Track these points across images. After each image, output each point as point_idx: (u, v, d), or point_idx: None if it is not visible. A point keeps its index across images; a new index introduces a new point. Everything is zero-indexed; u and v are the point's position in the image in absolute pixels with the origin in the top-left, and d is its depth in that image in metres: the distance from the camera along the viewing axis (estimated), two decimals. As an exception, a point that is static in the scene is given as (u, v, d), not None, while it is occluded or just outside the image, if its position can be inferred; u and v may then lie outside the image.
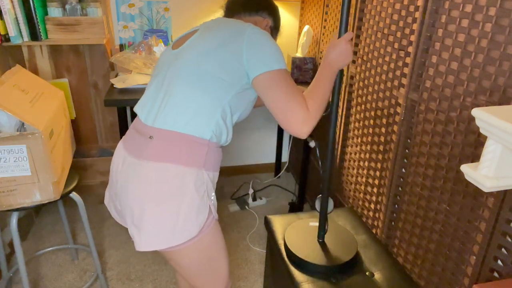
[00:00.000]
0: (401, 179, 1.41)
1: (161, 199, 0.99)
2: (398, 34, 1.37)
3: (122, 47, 2.27)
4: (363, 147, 1.69)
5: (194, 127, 1.00)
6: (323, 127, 1.85)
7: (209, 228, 1.06)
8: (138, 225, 1.01)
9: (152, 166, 0.99)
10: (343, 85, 1.84)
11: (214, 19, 1.14)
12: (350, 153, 1.83)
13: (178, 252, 1.05)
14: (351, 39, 1.04)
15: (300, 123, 0.96)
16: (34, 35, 1.92)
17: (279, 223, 1.52)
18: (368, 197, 1.67)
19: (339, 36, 1.06)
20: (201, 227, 1.02)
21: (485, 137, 0.79)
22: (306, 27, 2.16)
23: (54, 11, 1.99)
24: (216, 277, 1.17)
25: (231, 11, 1.25)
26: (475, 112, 0.68)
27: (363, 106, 1.68)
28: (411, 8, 1.29)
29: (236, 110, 1.07)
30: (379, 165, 1.56)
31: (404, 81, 1.35)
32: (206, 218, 1.03)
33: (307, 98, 0.99)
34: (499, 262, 0.99)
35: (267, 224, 1.53)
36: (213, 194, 1.07)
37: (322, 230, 1.35)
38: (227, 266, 1.19)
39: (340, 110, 1.90)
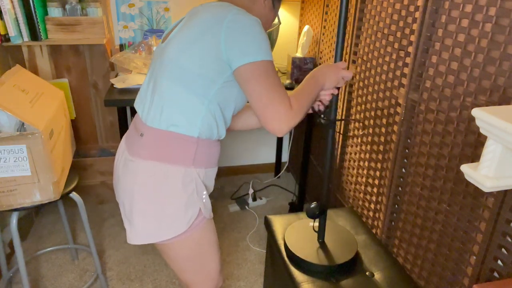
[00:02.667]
0: (401, 179, 1.41)
1: (148, 195, 1.01)
2: (398, 34, 1.37)
3: (122, 47, 2.27)
4: (363, 147, 1.69)
5: (180, 126, 0.98)
6: (323, 128, 1.85)
7: (198, 226, 1.06)
8: (129, 219, 1.05)
9: (141, 163, 1.01)
10: (343, 85, 1.84)
11: (201, 5, 1.04)
12: (350, 153, 1.83)
13: (168, 246, 1.07)
14: (344, 68, 1.08)
15: (281, 119, 0.89)
16: (34, 35, 1.92)
17: (279, 223, 1.52)
18: (368, 197, 1.67)
19: (335, 57, 1.11)
20: (189, 224, 1.03)
21: (485, 137, 0.79)
22: (306, 27, 2.16)
23: (54, 11, 1.99)
24: (205, 275, 1.18)
25: None
26: (475, 112, 0.68)
27: (363, 106, 1.68)
28: (411, 8, 1.29)
29: (226, 104, 1.01)
30: (379, 165, 1.56)
31: (404, 81, 1.35)
32: (195, 216, 1.04)
33: (292, 97, 0.94)
34: (499, 262, 0.99)
35: (267, 224, 1.53)
36: (205, 193, 1.05)
37: (321, 230, 1.35)
38: (217, 265, 1.19)
39: (340, 110, 1.90)
